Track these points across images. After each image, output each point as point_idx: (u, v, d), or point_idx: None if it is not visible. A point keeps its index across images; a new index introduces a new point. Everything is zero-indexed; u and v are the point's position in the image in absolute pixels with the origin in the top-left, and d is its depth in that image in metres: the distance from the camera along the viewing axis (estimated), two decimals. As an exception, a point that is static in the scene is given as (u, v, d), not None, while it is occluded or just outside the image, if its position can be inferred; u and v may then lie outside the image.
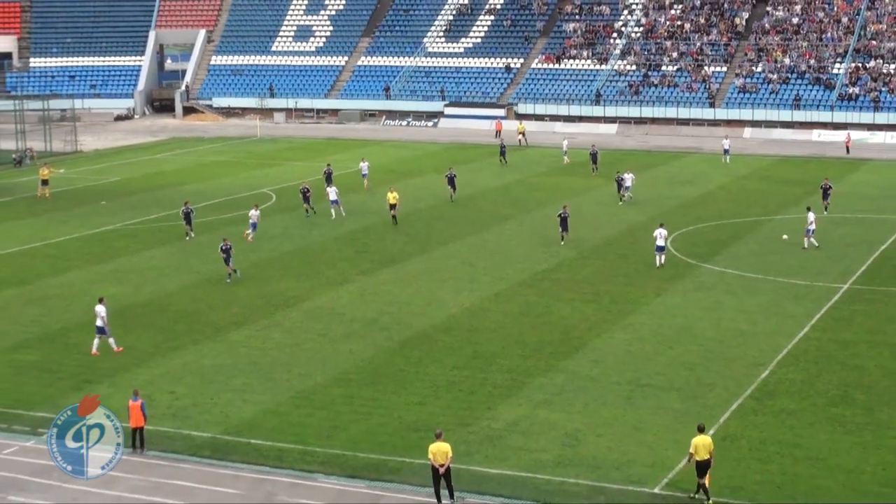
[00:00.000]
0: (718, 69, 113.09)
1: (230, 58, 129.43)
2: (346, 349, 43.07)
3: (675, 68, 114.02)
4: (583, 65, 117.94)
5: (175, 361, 41.91)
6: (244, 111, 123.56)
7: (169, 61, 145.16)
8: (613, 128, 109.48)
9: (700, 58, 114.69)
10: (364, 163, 77.67)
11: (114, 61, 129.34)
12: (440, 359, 41.83)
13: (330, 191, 67.88)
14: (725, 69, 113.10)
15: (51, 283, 53.29)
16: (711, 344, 43.26)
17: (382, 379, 39.81)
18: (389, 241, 61.36)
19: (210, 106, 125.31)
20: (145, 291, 51.58)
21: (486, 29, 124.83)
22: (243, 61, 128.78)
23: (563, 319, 46.66)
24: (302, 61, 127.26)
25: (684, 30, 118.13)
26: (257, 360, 41.87)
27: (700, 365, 40.84)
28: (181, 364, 41.61)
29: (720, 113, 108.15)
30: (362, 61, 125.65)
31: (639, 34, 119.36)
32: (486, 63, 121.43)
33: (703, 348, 42.73)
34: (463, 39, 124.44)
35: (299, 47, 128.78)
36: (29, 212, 71.66)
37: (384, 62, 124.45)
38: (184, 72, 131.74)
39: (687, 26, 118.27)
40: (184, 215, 61.49)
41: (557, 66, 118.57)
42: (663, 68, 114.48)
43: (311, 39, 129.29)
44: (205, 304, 49.45)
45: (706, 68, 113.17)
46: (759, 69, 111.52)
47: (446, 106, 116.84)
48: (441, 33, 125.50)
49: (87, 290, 51.19)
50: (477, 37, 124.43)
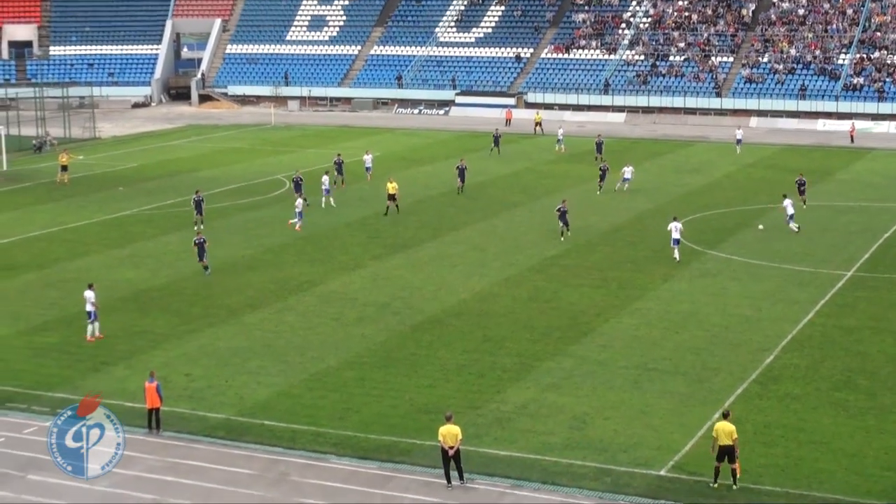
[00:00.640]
0: (725, 59, 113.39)
1: (245, 46, 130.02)
2: (359, 333, 43.64)
3: (683, 58, 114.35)
4: (592, 54, 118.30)
5: (191, 344, 42.50)
6: (259, 99, 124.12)
7: (185, 50, 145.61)
8: (622, 117, 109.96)
9: (707, 48, 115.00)
10: (368, 155, 77.33)
11: (131, 50, 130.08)
12: (451, 343, 42.37)
13: (325, 179, 67.85)
14: (732, 59, 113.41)
15: (69, 267, 53.94)
16: (717, 329, 43.75)
17: (394, 362, 40.36)
18: (401, 227, 61.91)
19: (225, 94, 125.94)
20: (162, 275, 52.20)
21: (497, 19, 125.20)
22: (258, 50, 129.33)
23: (572, 305, 47.19)
24: (316, 50, 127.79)
25: (692, 20, 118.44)
26: (271, 343, 42.44)
27: (706, 350, 41.35)
28: (196, 346, 42.20)
29: (727, 102, 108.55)
30: (375, 50, 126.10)
31: (647, 25, 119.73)
32: (497, 53, 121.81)
33: (709, 333, 43.23)
34: (474, 29, 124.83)
35: (313, 36, 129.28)
36: (48, 197, 72.33)
37: (396, 51, 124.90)
38: (200, 60, 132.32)
39: (694, 17, 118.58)
40: (195, 204, 61.77)
41: (567, 56, 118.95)
42: (671, 58, 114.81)
43: (325, 29, 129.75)
44: (220, 288, 50.05)
45: (713, 58, 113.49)
46: (766, 59, 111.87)
47: (457, 94, 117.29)
48: (452, 23, 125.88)
49: (105, 275, 51.83)
50: (488, 27, 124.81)
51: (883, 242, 58.12)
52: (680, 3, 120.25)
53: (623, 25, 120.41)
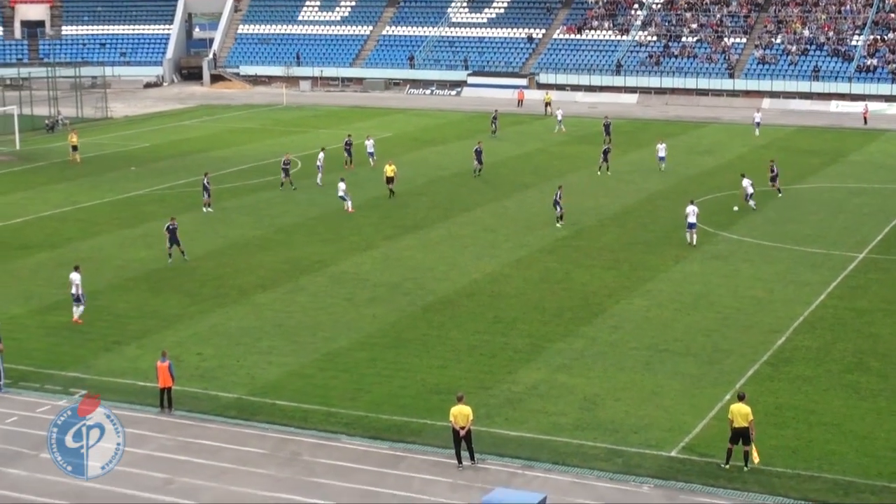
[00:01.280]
0: (738, 40, 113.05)
1: (257, 27, 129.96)
2: (370, 313, 43.71)
3: (695, 39, 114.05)
4: (604, 35, 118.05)
5: (202, 324, 42.63)
6: (270, 79, 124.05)
7: (197, 30, 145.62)
8: (634, 98, 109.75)
9: (720, 29, 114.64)
10: (369, 140, 76.07)
11: (143, 30, 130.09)
12: (462, 323, 42.44)
13: (321, 156, 68.27)
14: (745, 40, 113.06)
15: (81, 247, 54.08)
16: (728, 311, 43.73)
17: (405, 343, 40.43)
18: (413, 208, 61.95)
19: (237, 74, 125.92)
20: (173, 255, 52.27)
21: (509, 0, 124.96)
22: (270, 30, 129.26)
23: (583, 286, 47.22)
24: (328, 30, 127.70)
25: (704, 1, 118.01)
26: (283, 323, 42.56)
27: (717, 331, 41.36)
28: (208, 326, 42.33)
29: (739, 84, 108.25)
30: (387, 31, 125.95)
31: (659, 5, 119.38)
32: (509, 33, 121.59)
33: (721, 315, 43.22)
34: (486, 10, 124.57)
35: (325, 17, 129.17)
36: (61, 176, 72.51)
37: (408, 32, 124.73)
38: (211, 40, 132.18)
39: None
40: (203, 186, 61.90)
41: (579, 37, 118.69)
42: (683, 39, 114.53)
43: (337, 9, 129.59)
44: (231, 268, 50.16)
45: (726, 39, 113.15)
46: (779, 41, 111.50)
47: (469, 75, 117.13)
48: (464, 4, 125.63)
49: (117, 254, 52.01)
50: (500, 7, 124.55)
51: (896, 224, 58.08)
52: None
53: (635, 6, 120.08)
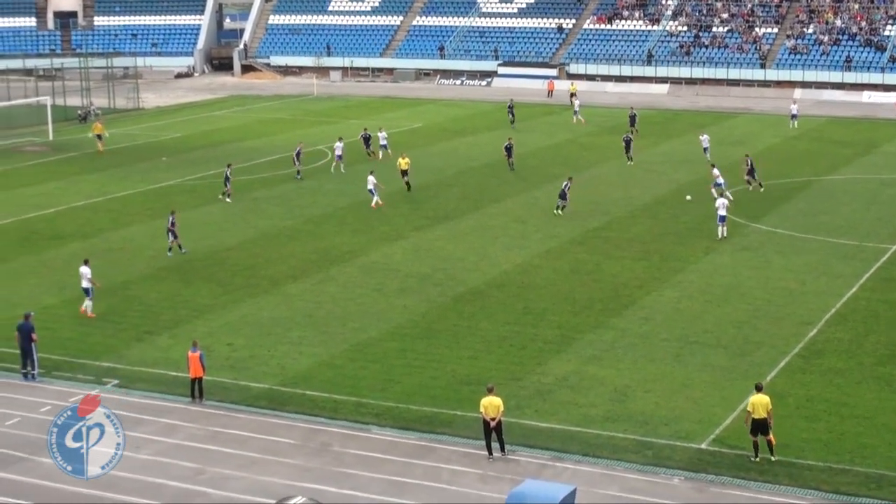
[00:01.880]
0: (769, 30, 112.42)
1: (288, 17, 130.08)
2: (400, 304, 43.77)
3: (726, 29, 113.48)
4: (634, 25, 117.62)
5: (233, 314, 42.78)
6: (301, 69, 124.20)
7: (228, 20, 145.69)
8: (664, 88, 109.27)
9: (751, 19, 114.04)
10: (382, 132, 75.06)
11: (174, 20, 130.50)
12: (492, 314, 42.44)
13: (339, 145, 68.34)
14: (776, 30, 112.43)
15: (113, 237, 54.37)
16: (759, 303, 43.56)
17: (435, 333, 40.49)
18: (443, 199, 61.94)
19: (268, 64, 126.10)
20: (204, 245, 52.45)
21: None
22: (300, 20, 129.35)
23: (613, 277, 47.14)
24: (358, 21, 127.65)
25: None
26: (313, 314, 42.67)
27: (748, 323, 41.21)
28: (239, 316, 42.48)
29: (770, 74, 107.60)
30: (417, 21, 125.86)
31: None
32: (539, 23, 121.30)
33: (752, 307, 43.05)
34: (516, 0, 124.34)
35: (355, 7, 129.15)
36: (93, 167, 72.81)
37: (439, 22, 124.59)
38: (242, 31, 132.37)
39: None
40: (225, 177, 61.94)
41: (609, 27, 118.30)
42: (714, 29, 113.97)
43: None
44: (262, 258, 50.31)
45: (757, 29, 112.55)
46: (811, 30, 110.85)
47: (500, 65, 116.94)
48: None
49: (148, 244, 52.24)
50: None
51: (930, 216, 57.65)
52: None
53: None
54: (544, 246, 52.07)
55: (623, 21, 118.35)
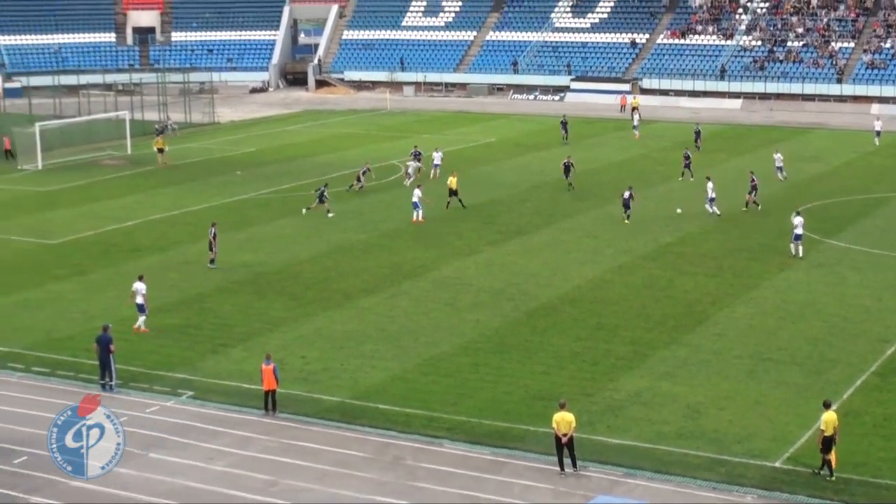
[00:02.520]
0: (846, 45, 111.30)
1: (361, 32, 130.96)
2: (473, 318, 43.83)
3: (801, 44, 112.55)
4: (708, 40, 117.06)
5: (306, 327, 43.09)
6: (374, 84, 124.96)
7: (302, 36, 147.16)
8: (738, 103, 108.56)
9: (827, 34, 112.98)
10: (437, 153, 74.13)
11: (250, 35, 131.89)
12: (565, 329, 42.39)
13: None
14: (853, 45, 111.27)
15: (189, 251, 54.95)
16: (835, 320, 43.11)
17: (508, 348, 40.49)
18: (516, 213, 61.98)
19: (341, 79, 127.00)
20: (278, 259, 52.91)
21: (613, 4, 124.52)
22: (374, 36, 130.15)
23: (686, 293, 46.90)
24: (431, 36, 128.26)
25: (811, 5, 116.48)
26: (385, 328, 42.85)
27: (823, 340, 40.80)
28: (312, 329, 42.77)
29: (847, 89, 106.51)
30: (491, 36, 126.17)
31: (764, 10, 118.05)
32: (612, 38, 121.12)
33: (827, 324, 42.63)
34: (589, 15, 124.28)
35: (429, 22, 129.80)
36: (169, 181, 73.70)
37: (512, 37, 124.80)
38: (316, 46, 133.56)
39: (814, 1, 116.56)
40: (321, 194, 61.81)
41: (682, 42, 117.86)
42: (789, 44, 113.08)
43: (441, 15, 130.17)
44: (335, 272, 50.62)
45: (833, 44, 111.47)
46: (888, 45, 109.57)
47: (572, 80, 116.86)
48: (568, 8, 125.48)
49: (223, 258, 52.53)
50: (603, 12, 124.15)
51: None
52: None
53: (740, 10, 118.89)
54: (617, 261, 51.93)
55: (696, 36, 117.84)
